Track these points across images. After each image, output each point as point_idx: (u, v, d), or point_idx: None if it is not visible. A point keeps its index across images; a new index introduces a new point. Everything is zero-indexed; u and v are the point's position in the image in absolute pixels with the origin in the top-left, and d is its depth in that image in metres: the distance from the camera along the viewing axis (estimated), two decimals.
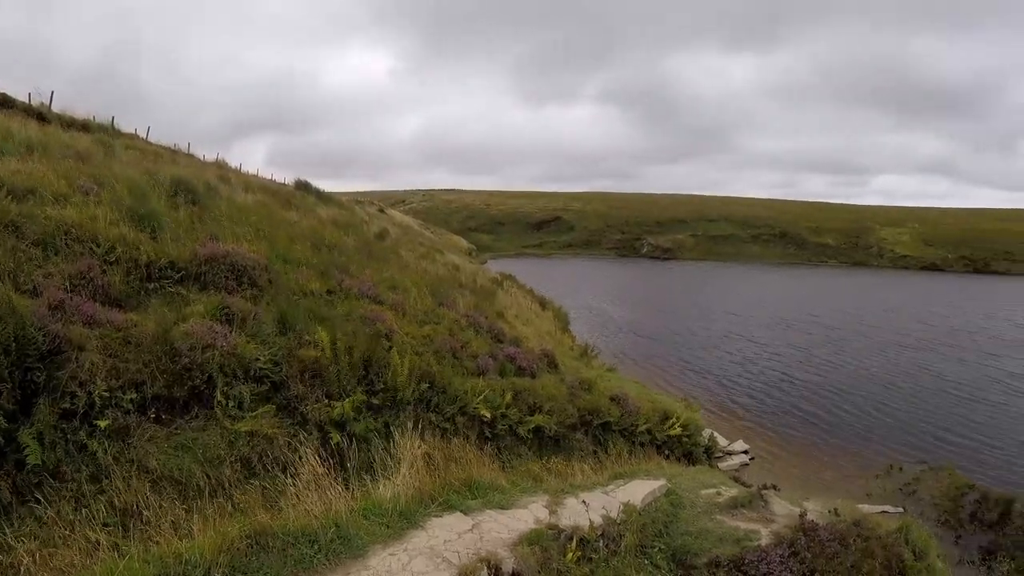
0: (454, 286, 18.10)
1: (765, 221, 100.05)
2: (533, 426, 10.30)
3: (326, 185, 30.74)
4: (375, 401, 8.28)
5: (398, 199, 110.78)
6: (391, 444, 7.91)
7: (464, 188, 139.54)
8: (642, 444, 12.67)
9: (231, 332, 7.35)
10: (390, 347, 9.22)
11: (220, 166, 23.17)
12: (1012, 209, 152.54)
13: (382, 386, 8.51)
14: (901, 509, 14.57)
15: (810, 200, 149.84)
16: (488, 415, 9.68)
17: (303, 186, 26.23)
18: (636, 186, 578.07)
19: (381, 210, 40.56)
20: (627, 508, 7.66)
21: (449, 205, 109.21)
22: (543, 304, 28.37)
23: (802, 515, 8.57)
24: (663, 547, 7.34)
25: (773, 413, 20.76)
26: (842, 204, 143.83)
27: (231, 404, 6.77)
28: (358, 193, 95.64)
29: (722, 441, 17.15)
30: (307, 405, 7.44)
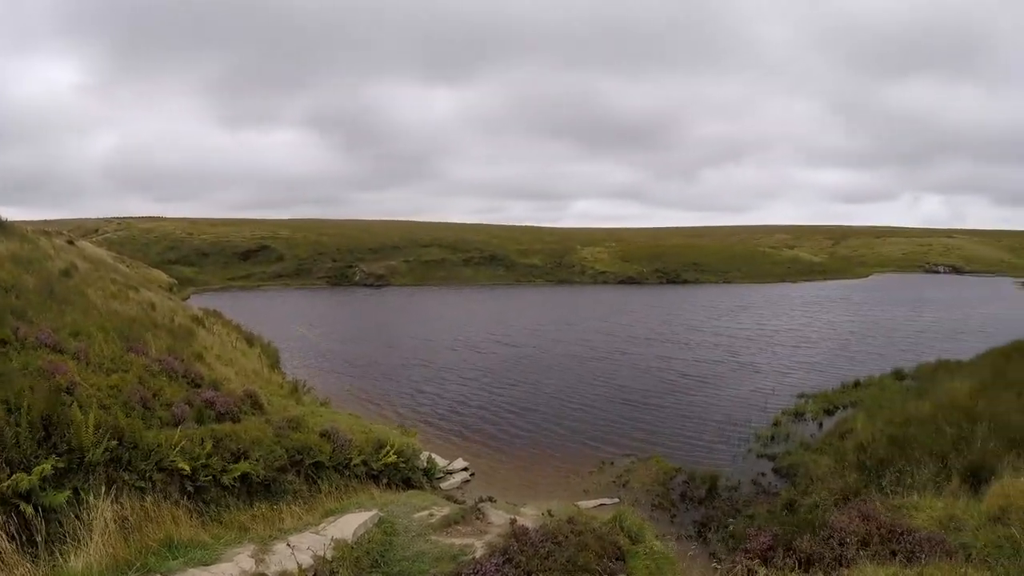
0: (149, 327, 17.10)
1: (475, 245, 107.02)
2: (239, 473, 10.32)
3: (15, 213, 26.73)
4: (61, 465, 7.86)
5: (91, 228, 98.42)
6: (82, 510, 7.31)
7: (164, 216, 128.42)
8: (358, 477, 13.05)
9: None
10: (72, 402, 8.49)
11: None
12: (697, 227, 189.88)
13: (66, 447, 7.98)
14: (617, 499, 16.20)
15: (516, 224, 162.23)
16: (187, 468, 9.53)
17: None
18: (346, 212, 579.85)
19: (71, 242, 36.01)
20: (338, 544, 7.95)
21: (148, 235, 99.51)
22: (250, 341, 27.66)
23: (513, 522, 9.32)
24: None
25: (487, 431, 22.74)
26: (546, 227, 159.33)
27: None
28: (48, 222, 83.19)
29: (442, 462, 18.10)
30: None
